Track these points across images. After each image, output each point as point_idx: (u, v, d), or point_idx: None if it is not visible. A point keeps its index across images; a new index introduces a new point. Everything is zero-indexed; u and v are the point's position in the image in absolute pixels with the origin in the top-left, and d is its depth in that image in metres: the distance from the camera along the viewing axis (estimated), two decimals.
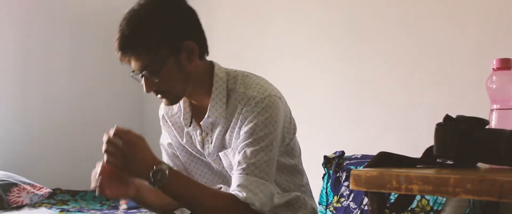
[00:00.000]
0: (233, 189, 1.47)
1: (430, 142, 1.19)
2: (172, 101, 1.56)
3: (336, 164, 2.31)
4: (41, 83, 3.70)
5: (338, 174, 2.28)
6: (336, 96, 2.82)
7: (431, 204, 1.95)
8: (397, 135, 2.51)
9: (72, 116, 3.71)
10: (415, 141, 2.29)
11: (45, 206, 3.09)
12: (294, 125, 1.67)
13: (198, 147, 1.65)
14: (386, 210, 1.20)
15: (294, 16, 3.05)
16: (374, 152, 1.20)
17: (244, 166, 1.47)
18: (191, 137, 1.66)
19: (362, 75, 2.70)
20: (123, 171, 1.42)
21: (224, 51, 3.45)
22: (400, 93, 2.55)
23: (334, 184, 2.28)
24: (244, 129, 1.50)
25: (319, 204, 2.32)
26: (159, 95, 1.53)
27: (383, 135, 2.57)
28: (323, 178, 2.37)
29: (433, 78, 2.42)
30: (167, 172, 1.40)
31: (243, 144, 1.50)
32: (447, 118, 1.17)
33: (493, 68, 1.25)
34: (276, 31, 3.15)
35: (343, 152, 2.35)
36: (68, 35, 3.81)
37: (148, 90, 1.50)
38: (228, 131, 1.56)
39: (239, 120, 1.52)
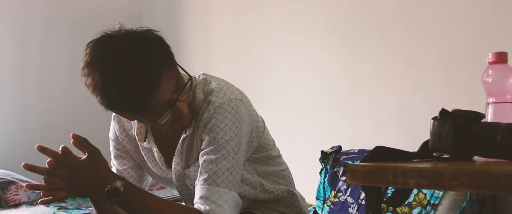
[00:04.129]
0: (196, 202, 1.40)
1: (427, 136, 1.20)
2: (190, 116, 1.45)
3: (333, 159, 2.31)
4: (39, 80, 3.70)
5: (335, 169, 2.28)
6: (333, 92, 2.82)
7: (428, 198, 1.95)
8: (394, 129, 2.52)
9: (69, 113, 3.72)
10: (412, 135, 2.29)
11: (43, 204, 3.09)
12: (262, 122, 1.58)
13: (160, 163, 1.57)
14: (383, 205, 1.20)
15: (291, 15, 3.06)
16: (371, 147, 1.20)
17: (205, 176, 1.40)
18: (153, 154, 1.58)
19: (359, 71, 2.71)
20: (74, 192, 1.36)
21: (224, 51, 3.46)
22: (396, 89, 2.55)
23: (332, 179, 2.28)
24: (205, 136, 1.42)
25: (317, 199, 2.32)
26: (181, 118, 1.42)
27: (380, 129, 2.58)
28: (320, 173, 2.37)
29: (429, 73, 2.43)
30: (122, 189, 1.33)
31: (204, 152, 1.42)
32: (443, 111, 1.17)
33: (489, 62, 1.26)
34: (274, 30, 3.15)
35: (340, 147, 2.35)
36: (66, 34, 3.81)
37: (187, 109, 1.40)
38: (194, 143, 1.48)
39: (199, 127, 1.44)
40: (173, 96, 1.35)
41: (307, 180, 2.40)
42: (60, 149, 1.34)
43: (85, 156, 1.36)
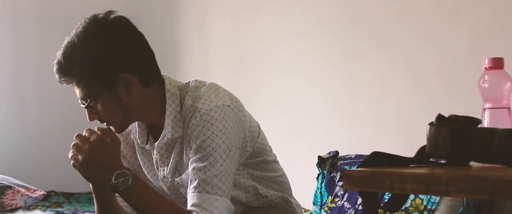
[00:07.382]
0: (188, 209, 1.42)
1: (424, 141, 1.20)
2: (118, 130, 1.52)
3: (330, 164, 2.31)
4: (35, 85, 3.69)
5: (332, 174, 2.29)
6: (330, 97, 2.82)
7: (424, 203, 1.95)
8: (391, 134, 2.52)
9: (66, 118, 3.71)
10: (409, 140, 2.29)
11: (40, 209, 3.08)
12: (256, 127, 1.58)
13: (155, 167, 1.58)
14: (380, 210, 1.20)
15: (288, 20, 3.06)
16: (368, 152, 1.20)
17: (195, 183, 1.41)
18: (149, 159, 1.59)
19: (356, 76, 2.71)
20: (84, 170, 1.43)
21: (221, 55, 3.46)
22: (393, 94, 2.56)
23: (329, 184, 2.28)
24: (192, 144, 1.43)
25: (314, 204, 2.32)
26: (105, 124, 1.50)
27: (377, 135, 2.58)
28: (317, 178, 2.37)
29: (426, 78, 2.43)
30: (130, 177, 1.38)
31: (192, 160, 1.43)
32: (440, 117, 1.17)
33: (485, 68, 1.26)
34: (271, 35, 3.16)
35: (337, 152, 2.35)
36: (62, 35, 3.77)
37: (90, 119, 1.48)
38: (184, 150, 1.49)
39: (187, 135, 1.45)
40: (83, 99, 1.45)
41: (304, 185, 2.40)
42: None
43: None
